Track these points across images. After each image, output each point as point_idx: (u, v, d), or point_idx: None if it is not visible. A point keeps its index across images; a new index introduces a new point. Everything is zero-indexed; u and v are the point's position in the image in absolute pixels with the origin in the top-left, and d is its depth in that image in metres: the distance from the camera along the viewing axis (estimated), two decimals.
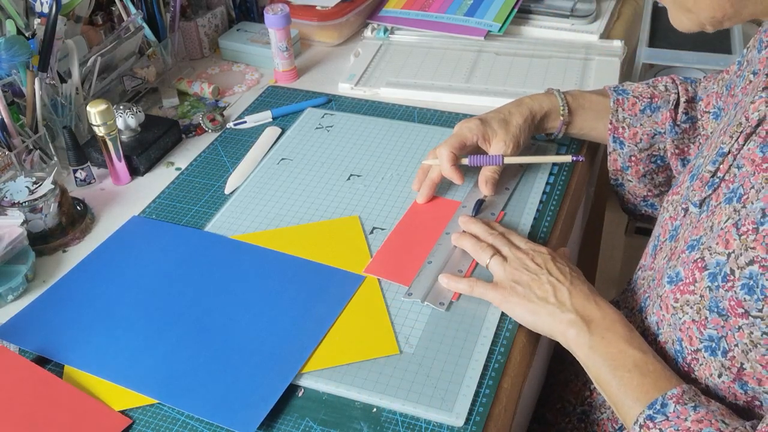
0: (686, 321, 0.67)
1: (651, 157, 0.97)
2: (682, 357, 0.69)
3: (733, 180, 0.67)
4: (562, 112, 0.95)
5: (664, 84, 0.96)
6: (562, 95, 0.96)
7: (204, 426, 0.68)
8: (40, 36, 0.97)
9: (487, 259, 0.80)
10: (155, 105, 1.18)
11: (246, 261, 0.85)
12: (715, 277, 0.64)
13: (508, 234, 0.83)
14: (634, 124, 0.95)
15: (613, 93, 0.96)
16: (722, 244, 0.64)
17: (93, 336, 0.77)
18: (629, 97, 0.95)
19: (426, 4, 1.34)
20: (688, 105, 0.93)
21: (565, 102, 0.95)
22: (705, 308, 0.65)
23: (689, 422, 0.61)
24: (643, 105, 0.95)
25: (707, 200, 0.70)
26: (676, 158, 0.95)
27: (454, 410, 0.67)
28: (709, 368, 0.66)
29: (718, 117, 0.90)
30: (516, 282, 0.76)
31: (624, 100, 0.95)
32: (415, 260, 0.83)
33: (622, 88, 0.97)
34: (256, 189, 0.97)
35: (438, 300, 0.78)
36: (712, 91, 0.92)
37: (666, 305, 0.70)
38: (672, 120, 0.93)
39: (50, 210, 0.89)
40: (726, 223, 0.65)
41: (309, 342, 0.74)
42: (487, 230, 0.83)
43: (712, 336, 0.65)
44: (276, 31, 1.16)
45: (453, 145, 0.90)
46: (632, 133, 0.95)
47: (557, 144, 1.01)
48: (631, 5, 1.42)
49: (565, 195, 0.94)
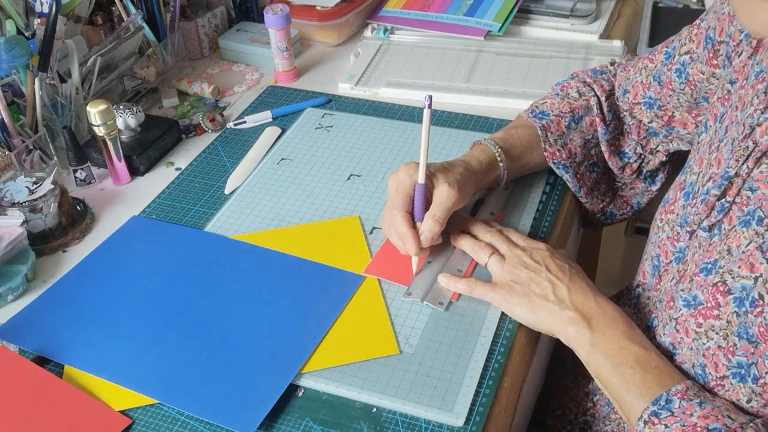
0: (711, 347, 0.65)
1: (587, 168, 0.95)
2: (704, 382, 0.67)
3: (746, 203, 0.66)
4: (500, 159, 0.88)
5: (576, 90, 0.95)
6: (492, 142, 0.89)
7: (204, 426, 0.68)
8: (40, 36, 0.97)
9: (485, 259, 0.80)
10: (155, 105, 1.18)
11: (246, 261, 0.85)
12: (742, 302, 0.63)
13: (507, 232, 0.83)
14: (565, 142, 0.92)
15: (535, 120, 0.92)
16: (746, 268, 0.63)
17: (93, 336, 0.77)
18: (551, 118, 0.92)
19: (426, 4, 1.34)
20: (609, 101, 0.94)
21: (498, 147, 0.88)
22: (733, 334, 0.63)
23: (695, 418, 0.61)
24: (567, 120, 0.92)
25: (718, 224, 0.69)
26: (613, 156, 0.95)
27: (454, 410, 0.67)
28: (737, 394, 0.64)
29: (653, 106, 0.90)
30: (514, 281, 0.76)
31: (549, 123, 0.91)
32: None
33: (539, 111, 0.93)
34: (256, 189, 0.97)
35: (437, 300, 0.78)
36: (637, 81, 0.91)
37: (686, 329, 0.68)
38: (602, 122, 0.93)
39: (50, 210, 0.89)
40: (748, 246, 0.63)
41: (309, 342, 0.74)
42: (485, 229, 0.83)
43: (741, 363, 0.63)
44: (276, 31, 1.16)
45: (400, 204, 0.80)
46: (568, 152, 0.92)
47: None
48: (631, 5, 1.42)
49: (565, 195, 0.94)
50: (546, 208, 0.91)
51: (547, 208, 0.91)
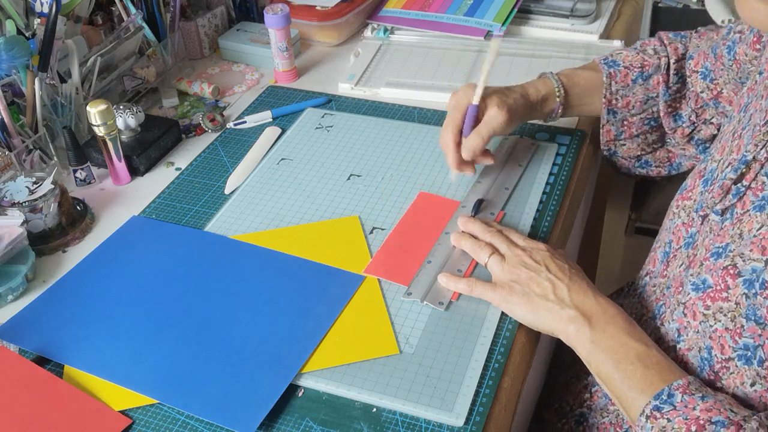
0: (718, 329, 0.66)
1: (643, 120, 0.98)
2: (710, 365, 0.67)
3: (761, 188, 0.66)
4: (558, 94, 0.95)
5: (653, 47, 0.97)
6: (556, 77, 0.96)
7: (204, 426, 0.68)
8: (40, 36, 0.97)
9: (485, 258, 0.80)
10: (155, 105, 1.18)
11: (246, 261, 0.85)
12: (751, 284, 0.63)
13: (507, 232, 0.83)
14: (627, 93, 0.96)
15: (605, 66, 0.97)
16: (758, 251, 0.63)
17: (93, 336, 0.77)
18: (620, 68, 0.96)
19: (426, 4, 1.34)
20: (678, 65, 0.95)
21: (559, 83, 0.95)
22: (741, 316, 0.63)
23: (698, 411, 0.61)
24: (635, 75, 0.96)
25: (731, 208, 0.69)
26: (668, 117, 0.97)
27: (454, 410, 0.67)
28: (741, 377, 0.64)
29: (707, 77, 0.92)
30: (514, 281, 0.76)
31: (616, 72, 0.96)
32: (414, 260, 0.83)
33: (612, 59, 0.98)
34: (256, 189, 0.97)
35: (437, 300, 0.78)
36: (701, 50, 0.93)
37: (693, 312, 0.69)
38: (665, 83, 0.95)
39: (50, 210, 0.89)
40: (760, 230, 0.64)
41: (309, 342, 0.74)
42: (485, 229, 0.83)
43: (748, 345, 0.63)
44: (276, 31, 1.16)
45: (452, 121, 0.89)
46: (625, 102, 0.96)
47: (557, 144, 1.01)
48: (631, 5, 1.42)
49: (565, 195, 0.94)
50: (546, 208, 0.91)
51: (547, 208, 0.91)
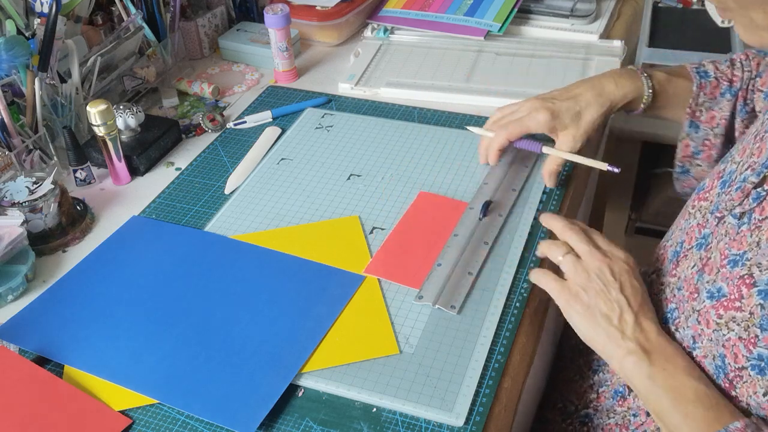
0: (731, 338, 0.65)
1: (725, 144, 0.93)
2: (724, 373, 0.66)
3: None
4: (645, 100, 0.92)
5: (740, 61, 0.94)
6: (650, 81, 0.92)
7: (204, 426, 0.68)
8: (40, 36, 0.97)
9: (560, 256, 0.76)
10: (155, 105, 1.18)
11: (246, 261, 0.85)
12: (767, 294, 0.62)
13: (590, 232, 0.79)
14: (712, 107, 0.92)
15: (696, 76, 0.93)
16: None
17: (93, 336, 0.77)
18: (711, 80, 0.93)
19: (426, 4, 1.33)
20: (752, 82, 0.91)
21: (651, 88, 0.92)
22: (755, 326, 0.63)
23: None
24: (724, 88, 0.92)
25: (749, 213, 0.67)
26: (741, 134, 0.92)
27: (454, 410, 0.67)
28: (754, 386, 0.64)
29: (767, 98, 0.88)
30: (583, 288, 0.73)
31: (706, 84, 0.92)
32: (422, 262, 0.83)
33: (704, 69, 0.94)
34: (256, 189, 0.97)
35: (449, 303, 0.78)
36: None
37: (707, 320, 0.68)
38: (743, 100, 0.91)
39: (50, 210, 0.89)
40: None
41: (309, 342, 0.74)
42: (567, 226, 0.79)
43: (762, 355, 0.62)
44: (276, 31, 1.16)
45: (513, 134, 0.90)
46: (709, 117, 0.92)
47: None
48: (631, 5, 1.42)
49: (565, 195, 0.94)
50: (546, 209, 0.91)
51: (547, 208, 0.91)
